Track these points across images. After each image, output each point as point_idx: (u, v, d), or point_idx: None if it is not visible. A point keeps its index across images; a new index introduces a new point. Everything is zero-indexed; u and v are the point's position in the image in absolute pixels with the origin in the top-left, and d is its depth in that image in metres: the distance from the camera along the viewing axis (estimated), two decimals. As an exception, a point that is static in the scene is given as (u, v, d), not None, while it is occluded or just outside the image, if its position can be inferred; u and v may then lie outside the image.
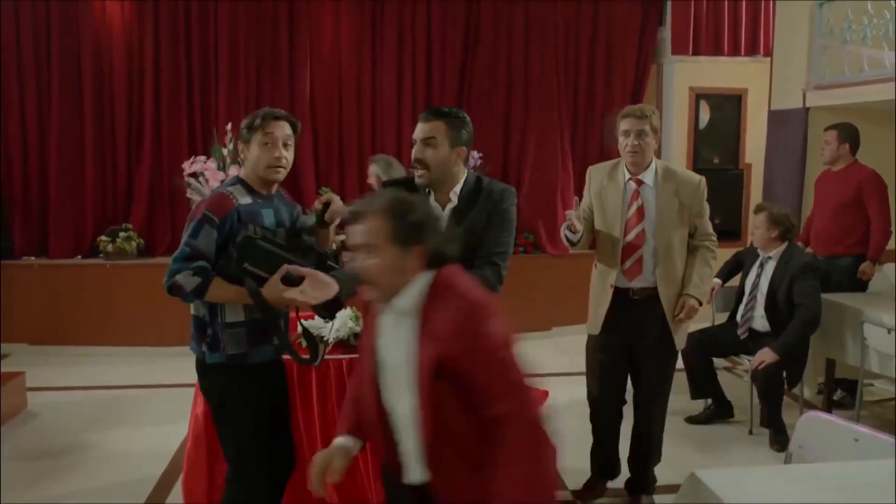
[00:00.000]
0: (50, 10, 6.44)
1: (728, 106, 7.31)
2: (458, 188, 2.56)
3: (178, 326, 5.91)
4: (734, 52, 7.29)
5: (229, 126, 6.20)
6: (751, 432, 4.44)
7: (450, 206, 2.54)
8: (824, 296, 4.37)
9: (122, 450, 4.23)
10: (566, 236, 3.26)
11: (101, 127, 6.60)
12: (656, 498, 3.52)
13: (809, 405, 4.69)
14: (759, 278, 4.47)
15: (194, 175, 6.05)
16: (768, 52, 6.61)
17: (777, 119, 5.91)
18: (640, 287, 3.24)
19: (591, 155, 6.98)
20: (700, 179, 3.29)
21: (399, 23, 6.83)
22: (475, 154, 6.40)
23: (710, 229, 3.35)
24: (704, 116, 7.29)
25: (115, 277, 6.25)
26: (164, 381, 5.39)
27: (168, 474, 3.89)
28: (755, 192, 6.85)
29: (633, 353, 3.32)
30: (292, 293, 2.33)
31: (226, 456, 2.61)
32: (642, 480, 3.50)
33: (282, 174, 2.56)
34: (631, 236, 3.22)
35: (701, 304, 3.26)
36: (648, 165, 3.24)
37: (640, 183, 3.24)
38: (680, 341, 3.31)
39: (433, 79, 6.93)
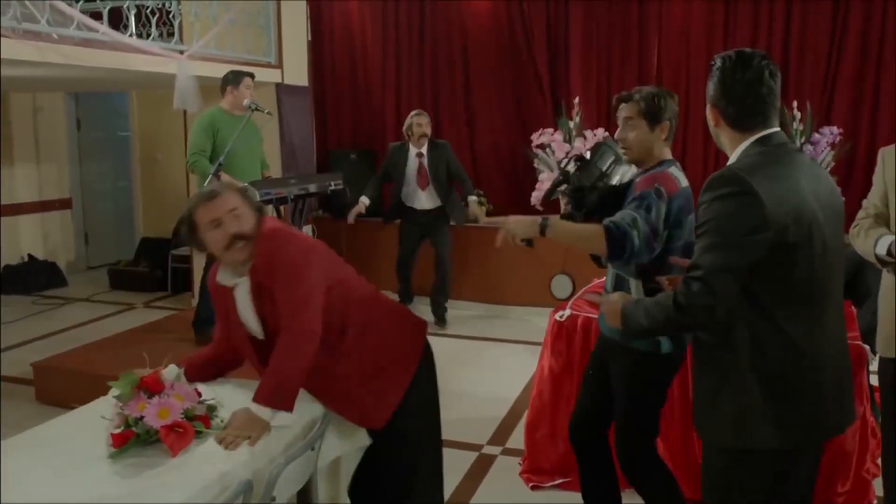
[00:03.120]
0: (424, 8, 7.20)
1: None
2: None
3: (517, 288, 6.41)
4: None
5: (577, 100, 6.47)
6: None
7: None
8: None
9: (470, 391, 4.73)
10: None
11: (469, 103, 7.26)
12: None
13: None
14: None
15: (541, 146, 6.45)
16: None
17: None
18: None
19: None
20: None
21: (755, 9, 6.37)
22: (834, 129, 5.88)
23: None
24: None
25: (464, 238, 6.59)
26: (510, 337, 5.89)
27: (508, 419, 4.29)
28: None
29: None
30: None
31: None
32: None
33: (628, 154, 2.58)
34: None
35: None
36: None
37: None
38: None
39: (790, 65, 6.31)
